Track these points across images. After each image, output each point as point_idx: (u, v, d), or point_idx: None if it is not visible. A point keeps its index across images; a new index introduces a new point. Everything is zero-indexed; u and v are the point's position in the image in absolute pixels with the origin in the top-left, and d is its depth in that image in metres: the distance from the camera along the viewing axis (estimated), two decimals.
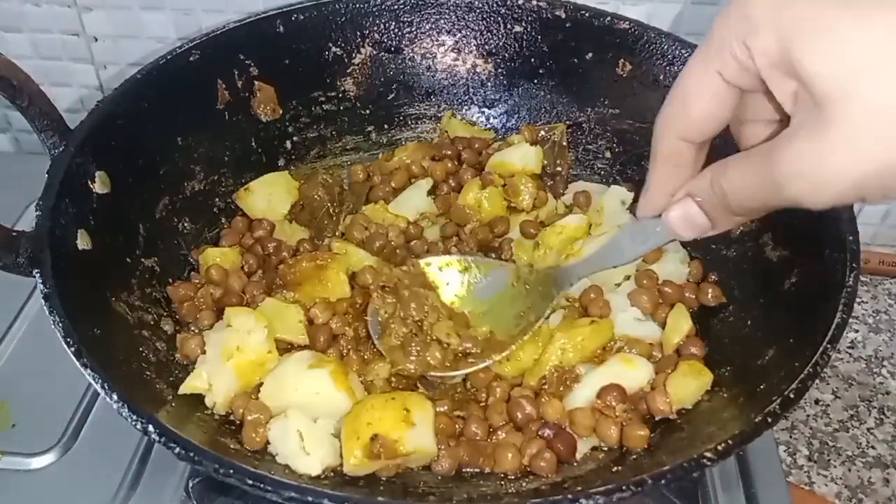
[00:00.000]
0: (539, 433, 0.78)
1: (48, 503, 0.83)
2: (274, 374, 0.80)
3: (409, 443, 0.74)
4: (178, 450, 0.62)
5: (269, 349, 0.81)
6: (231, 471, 0.61)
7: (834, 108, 0.47)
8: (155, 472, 0.85)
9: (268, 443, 0.76)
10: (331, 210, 1.02)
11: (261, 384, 0.80)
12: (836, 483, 0.96)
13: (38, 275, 0.71)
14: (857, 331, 1.13)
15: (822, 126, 0.47)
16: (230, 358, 0.79)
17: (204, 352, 0.82)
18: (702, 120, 0.58)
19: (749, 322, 0.85)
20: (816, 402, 1.05)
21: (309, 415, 0.76)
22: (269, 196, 1.00)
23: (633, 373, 0.82)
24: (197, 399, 0.79)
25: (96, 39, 1.20)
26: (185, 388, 0.78)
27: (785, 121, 0.52)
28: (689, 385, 0.80)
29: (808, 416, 1.03)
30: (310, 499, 0.60)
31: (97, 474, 0.84)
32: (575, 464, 0.77)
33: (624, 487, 0.61)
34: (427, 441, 0.75)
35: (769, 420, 0.65)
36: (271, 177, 1.02)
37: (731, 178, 0.55)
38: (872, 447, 1.00)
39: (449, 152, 1.08)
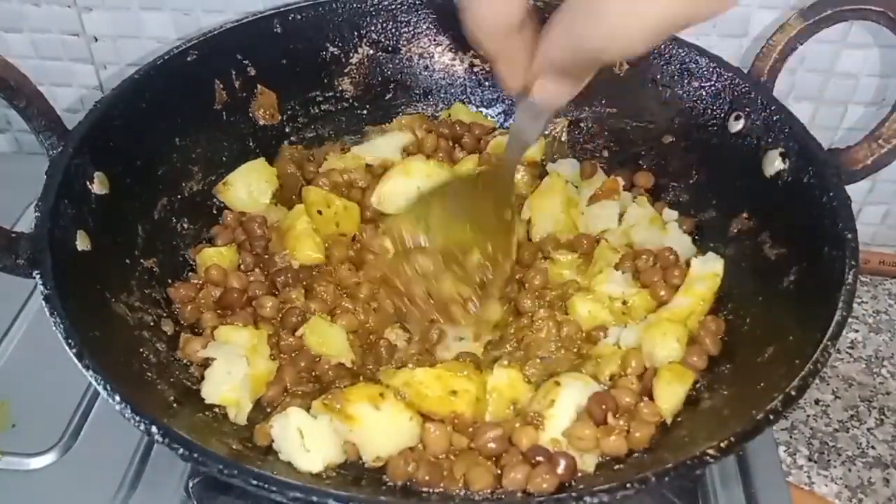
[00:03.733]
0: (533, 461, 0.75)
1: (48, 503, 0.83)
2: None
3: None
4: (181, 451, 0.62)
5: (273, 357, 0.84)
6: (235, 471, 0.61)
7: None
8: (155, 472, 0.85)
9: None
10: (304, 182, 1.02)
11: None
12: (836, 483, 0.96)
13: (38, 276, 0.71)
14: (857, 331, 1.13)
15: None
16: (245, 372, 0.80)
17: (207, 358, 0.82)
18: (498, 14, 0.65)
19: (748, 320, 0.85)
20: (816, 402, 1.04)
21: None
22: (248, 186, 1.00)
23: (594, 386, 0.80)
24: (198, 399, 0.79)
25: (96, 39, 1.20)
26: (215, 399, 0.79)
27: None
28: (676, 392, 0.79)
29: (808, 416, 1.03)
30: (314, 499, 0.60)
31: (97, 474, 0.84)
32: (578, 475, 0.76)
33: (628, 485, 0.61)
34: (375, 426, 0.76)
35: (771, 417, 0.65)
36: (248, 166, 1.01)
37: (546, 52, 0.64)
38: (872, 447, 0.99)
39: (447, 131, 1.08)
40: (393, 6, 1.05)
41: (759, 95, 0.91)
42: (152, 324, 0.85)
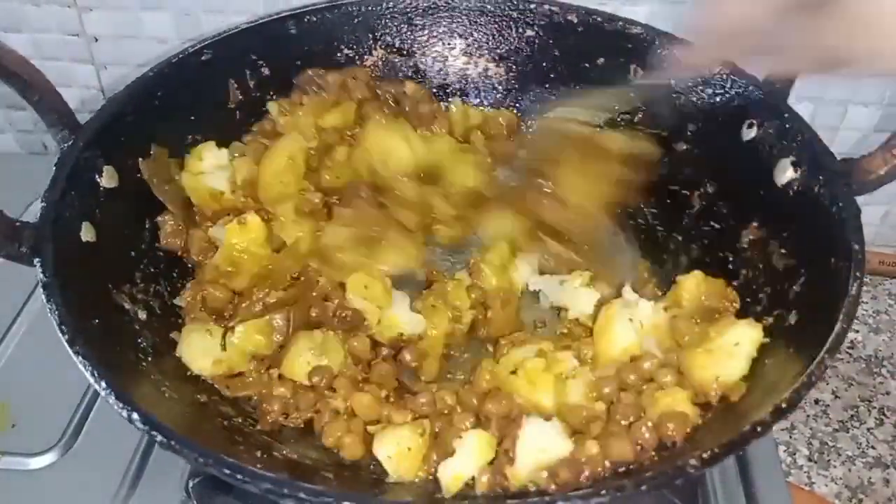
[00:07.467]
0: None
1: (48, 503, 0.83)
2: None
3: None
4: (172, 443, 0.62)
5: None
6: (241, 473, 0.61)
7: None
8: (155, 472, 0.84)
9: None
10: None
11: None
12: (836, 483, 0.96)
13: (38, 263, 0.71)
14: (857, 331, 1.13)
15: None
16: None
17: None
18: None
19: None
20: (816, 402, 1.05)
21: None
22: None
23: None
24: (191, 388, 0.79)
25: (97, 40, 1.20)
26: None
27: None
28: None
29: (808, 416, 1.03)
30: (322, 500, 0.60)
31: (97, 474, 0.84)
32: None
33: (603, 492, 0.61)
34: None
35: (758, 430, 0.64)
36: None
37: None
38: (872, 447, 1.00)
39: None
40: (408, 9, 1.04)
41: (772, 103, 0.90)
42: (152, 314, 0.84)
